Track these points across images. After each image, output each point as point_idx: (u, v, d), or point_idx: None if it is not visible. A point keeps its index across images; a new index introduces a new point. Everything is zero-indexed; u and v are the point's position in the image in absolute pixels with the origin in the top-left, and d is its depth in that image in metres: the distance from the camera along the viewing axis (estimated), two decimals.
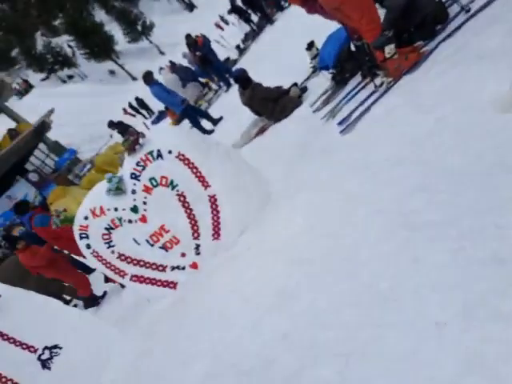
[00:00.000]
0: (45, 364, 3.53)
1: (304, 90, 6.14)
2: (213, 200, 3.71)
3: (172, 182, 3.64)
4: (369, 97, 4.05)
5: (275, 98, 5.90)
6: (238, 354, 2.52)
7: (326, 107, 4.87)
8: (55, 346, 3.62)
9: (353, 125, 3.84)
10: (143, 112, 20.34)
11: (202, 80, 13.85)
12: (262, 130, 6.24)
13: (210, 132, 8.36)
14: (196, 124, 8.53)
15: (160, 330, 3.66)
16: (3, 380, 3.33)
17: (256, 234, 3.65)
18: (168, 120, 12.35)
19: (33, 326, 3.60)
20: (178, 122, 10.17)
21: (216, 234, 3.80)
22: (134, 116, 20.99)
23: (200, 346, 2.91)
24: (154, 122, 15.54)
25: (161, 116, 13.72)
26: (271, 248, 3.26)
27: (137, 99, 20.53)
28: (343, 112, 4.21)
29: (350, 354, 1.92)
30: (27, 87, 27.57)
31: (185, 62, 14.80)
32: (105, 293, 5.75)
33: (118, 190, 3.68)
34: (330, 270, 2.48)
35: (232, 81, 9.95)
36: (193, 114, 8.66)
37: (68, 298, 6.09)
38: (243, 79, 6.30)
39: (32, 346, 3.54)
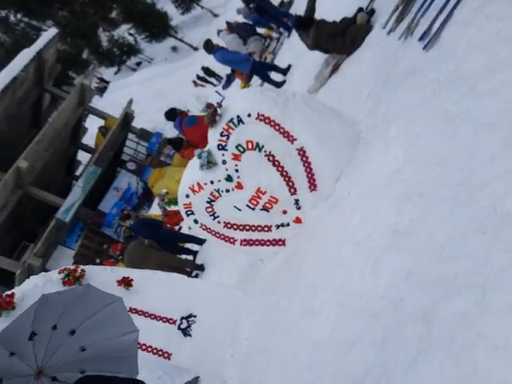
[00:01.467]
0: (185, 332, 3.88)
1: (371, 12, 5.66)
2: (302, 152, 3.65)
3: (258, 144, 3.64)
4: (448, 0, 3.61)
5: (342, 31, 5.52)
6: (363, 298, 2.52)
7: (400, 25, 4.44)
8: (190, 315, 3.94)
9: (436, 37, 3.46)
10: (212, 80, 20.49)
11: (262, 31, 13.47)
12: (335, 68, 5.92)
13: (281, 84, 8.18)
14: (266, 78, 8.38)
15: (280, 286, 3.79)
16: (159, 353, 3.72)
17: (353, 177, 3.55)
18: (238, 81, 12.31)
19: (166, 301, 3.95)
20: (247, 80, 10.08)
21: (312, 185, 3.76)
22: (204, 86, 21.25)
23: (322, 295, 2.96)
24: (224, 87, 15.59)
25: (230, 79, 13.69)
26: (372, 188, 3.14)
27: (203, 68, 20.70)
28: (422, 25, 3.81)
29: (485, 282, 1.81)
30: (104, 84, 29.18)
31: (241, 18, 14.46)
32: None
33: (209, 163, 3.77)
34: (443, 200, 2.32)
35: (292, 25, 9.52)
36: (261, 70, 8.50)
37: (188, 269, 6.56)
38: (304, 20, 5.97)
39: (171, 318, 3.89)
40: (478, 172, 2.18)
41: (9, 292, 3.46)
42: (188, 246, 7.41)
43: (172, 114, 6.91)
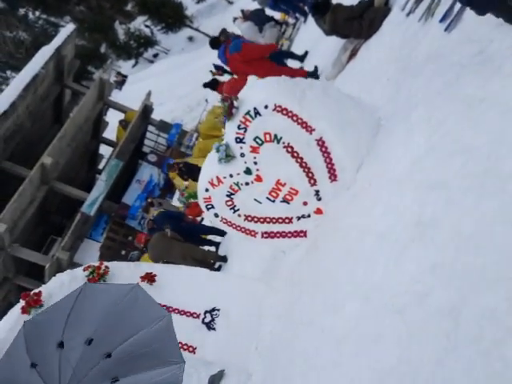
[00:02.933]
0: (209, 326, 3.90)
1: None
2: (321, 143, 3.58)
3: (276, 136, 3.59)
4: None
5: (360, 14, 5.37)
6: (386, 293, 2.47)
7: (420, 6, 4.29)
8: (214, 309, 3.96)
9: (458, 17, 3.33)
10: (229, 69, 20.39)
11: (278, 17, 13.28)
12: (353, 53, 5.78)
13: None
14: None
15: (302, 278, 3.76)
16: (184, 347, 3.76)
17: (374, 167, 3.47)
18: None
19: (190, 295, 3.97)
20: None
21: (332, 175, 3.69)
22: (222, 75, 21.17)
23: (345, 289, 2.92)
24: None
25: None
26: (395, 178, 3.06)
27: None
28: (442, 5, 3.66)
29: None
30: (122, 77, 29.38)
31: (255, 5, 14.27)
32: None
33: (227, 157, 3.74)
34: (469, 189, 2.24)
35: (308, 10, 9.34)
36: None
37: (211, 261, 6.59)
38: (321, 5, 5.83)
39: (195, 313, 3.92)
40: (506, 159, 2.08)
41: (36, 290, 3.53)
42: (210, 237, 7.44)
43: (216, 42, 6.93)
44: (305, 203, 3.87)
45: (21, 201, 16.23)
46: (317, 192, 3.78)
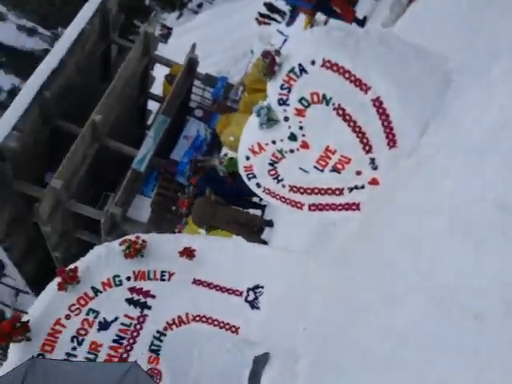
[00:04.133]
0: (253, 304, 3.65)
1: None
2: (377, 103, 3.06)
3: (325, 97, 3.10)
4: None
5: None
6: (461, 291, 2.04)
7: None
8: (257, 286, 3.69)
9: None
10: (275, 17, 19.26)
11: None
12: None
13: None
14: (332, 14, 7.44)
15: (355, 257, 3.38)
16: (226, 327, 3.55)
17: (443, 131, 2.93)
18: (302, 17, 11.31)
19: (232, 271, 3.71)
20: (312, 16, 9.14)
21: (391, 141, 3.19)
22: (268, 24, 20.10)
23: (407, 278, 2.51)
24: (288, 24, 14.54)
25: (293, 15, 12.66)
26: (470, 146, 2.54)
27: (265, 4, 19.46)
28: None
29: None
30: (167, 30, 28.79)
31: None
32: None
33: (269, 121, 3.33)
34: None
35: None
36: (325, 3, 7.56)
37: (256, 225, 6.31)
38: None
39: (237, 290, 3.67)
40: None
41: (72, 266, 3.39)
42: (256, 199, 7.14)
43: None
44: (358, 173, 3.41)
45: (74, 158, 16.66)
46: (372, 160, 3.31)
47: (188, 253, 3.60)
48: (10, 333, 3.04)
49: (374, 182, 3.41)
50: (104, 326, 3.36)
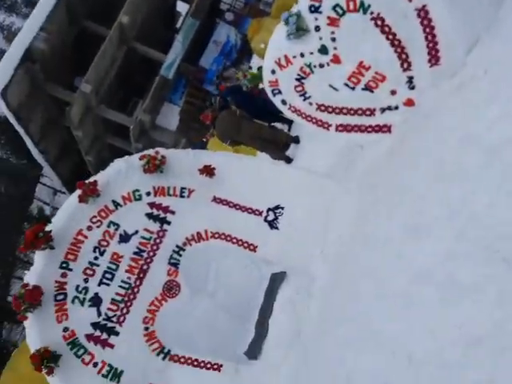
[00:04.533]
0: (272, 224, 3.62)
1: None
2: (423, 13, 2.69)
3: (362, 4, 2.74)
4: None
5: None
6: (494, 230, 1.88)
7: None
8: (277, 207, 3.63)
9: None
10: None
11: None
12: None
13: None
14: None
15: (380, 183, 3.22)
16: (244, 245, 3.56)
17: (494, 49, 2.57)
18: None
19: (252, 190, 3.64)
20: None
21: (433, 58, 2.85)
22: None
23: (435, 213, 2.35)
24: None
25: None
26: None
27: None
28: None
29: None
30: None
31: None
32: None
33: (299, 30, 3.00)
34: None
35: None
36: None
37: (282, 142, 6.11)
38: None
39: (257, 210, 3.62)
40: None
41: (92, 179, 3.38)
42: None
43: None
44: (393, 92, 3.12)
45: (103, 62, 16.35)
46: (410, 79, 3.00)
47: (208, 171, 3.51)
48: (34, 242, 3.13)
49: (409, 103, 3.12)
50: (124, 238, 3.41)
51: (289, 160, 5.98)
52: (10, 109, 15.54)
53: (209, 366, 3.34)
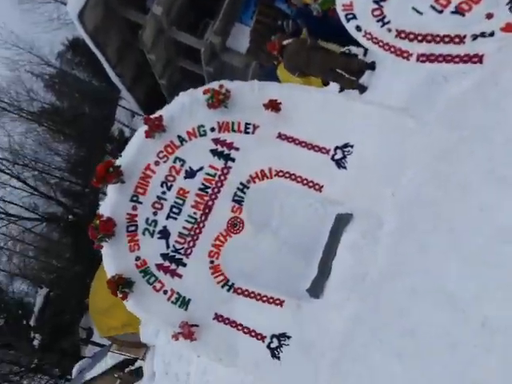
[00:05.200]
0: (339, 164, 3.43)
1: None
2: None
3: None
4: None
5: None
6: None
7: None
8: (346, 145, 3.42)
9: None
10: None
11: None
12: None
13: None
14: None
15: (464, 121, 2.87)
16: (309, 184, 3.44)
17: None
18: None
19: (320, 126, 3.44)
20: None
21: None
22: None
23: None
24: None
25: None
26: None
27: None
28: None
29: None
30: None
31: None
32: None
33: None
34: None
35: None
36: None
37: (355, 70, 5.64)
38: None
39: (324, 148, 3.44)
40: None
41: (157, 115, 3.36)
42: None
43: None
44: (489, 16, 2.67)
45: None
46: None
47: (273, 105, 3.34)
48: (105, 176, 3.24)
49: (508, 28, 2.65)
50: (190, 174, 3.43)
51: (363, 89, 5.54)
52: (87, 32, 15.87)
53: (271, 300, 3.42)
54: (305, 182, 3.45)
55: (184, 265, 3.44)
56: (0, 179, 21.64)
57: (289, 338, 3.37)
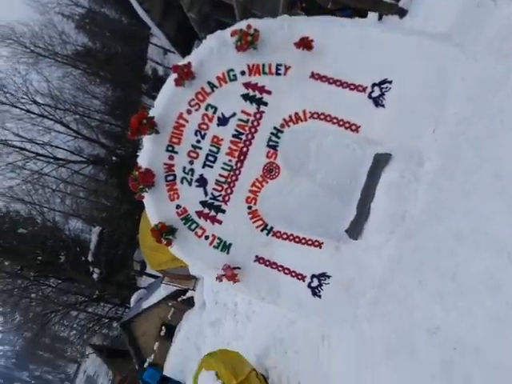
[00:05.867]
0: (377, 101, 3.26)
1: None
2: None
3: None
4: None
5: None
6: None
7: None
8: (384, 81, 3.23)
9: None
10: None
11: None
12: None
13: None
14: None
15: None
16: (346, 125, 3.32)
17: None
18: None
19: (355, 63, 3.26)
20: None
21: None
22: None
23: None
24: None
25: None
26: None
27: None
28: None
29: None
30: None
31: None
32: None
33: None
34: None
35: None
36: None
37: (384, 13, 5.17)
38: None
39: (360, 85, 3.27)
40: None
41: (185, 62, 3.27)
42: None
43: None
44: None
45: None
46: None
47: (305, 43, 3.16)
48: (139, 128, 3.26)
49: None
50: (223, 121, 3.39)
51: (403, 12, 5.11)
52: None
53: (310, 242, 3.47)
54: (341, 123, 3.34)
55: (223, 211, 3.51)
56: (44, 125, 22.27)
57: (329, 277, 3.45)
